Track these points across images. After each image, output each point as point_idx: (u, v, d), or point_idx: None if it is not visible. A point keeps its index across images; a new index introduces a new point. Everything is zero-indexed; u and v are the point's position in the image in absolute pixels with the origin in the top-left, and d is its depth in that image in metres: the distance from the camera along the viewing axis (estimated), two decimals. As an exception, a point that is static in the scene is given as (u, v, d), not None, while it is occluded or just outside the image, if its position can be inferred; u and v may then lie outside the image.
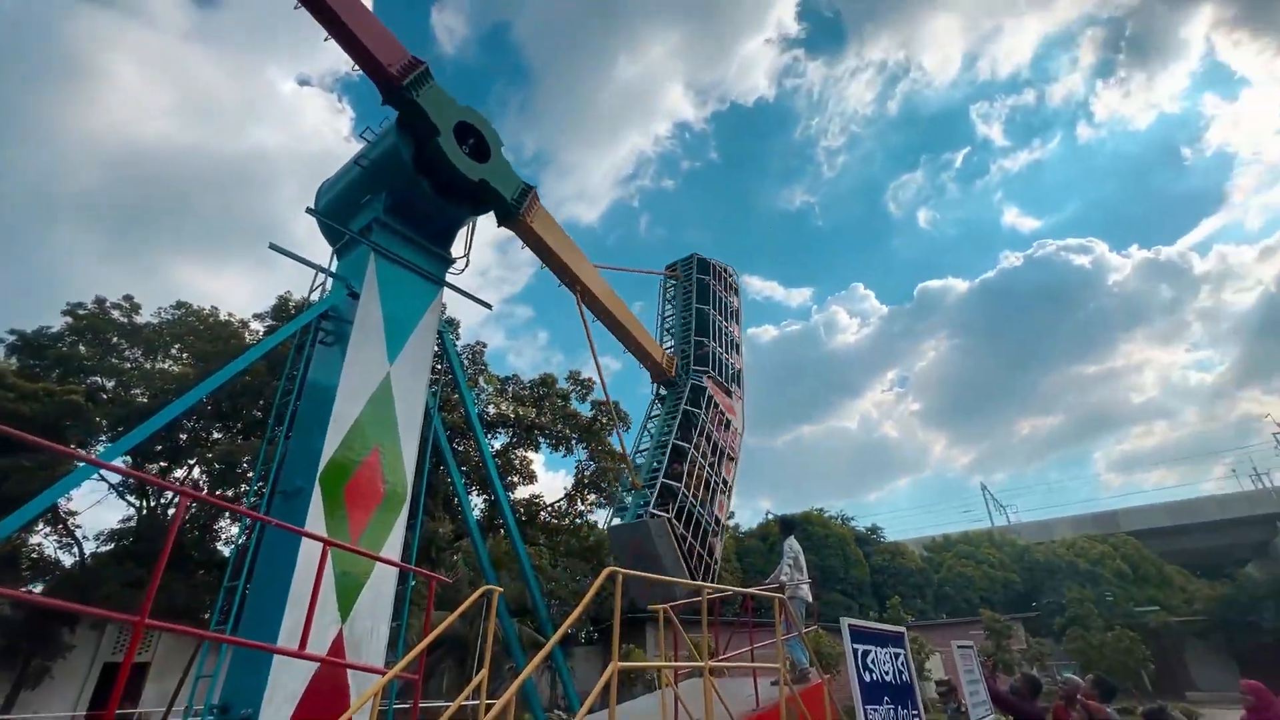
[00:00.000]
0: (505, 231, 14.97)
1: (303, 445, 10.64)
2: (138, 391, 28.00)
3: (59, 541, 27.08)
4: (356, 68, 12.17)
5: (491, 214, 14.29)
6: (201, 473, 29.58)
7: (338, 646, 9.29)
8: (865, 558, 55.34)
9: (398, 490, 10.99)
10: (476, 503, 28.44)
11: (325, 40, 11.85)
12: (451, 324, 29.29)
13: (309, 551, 9.02)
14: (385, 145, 12.77)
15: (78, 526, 27.05)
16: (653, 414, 20.20)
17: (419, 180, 12.55)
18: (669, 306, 23.79)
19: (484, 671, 4.47)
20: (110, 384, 28.60)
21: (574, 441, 27.93)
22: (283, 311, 30.17)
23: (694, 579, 16.61)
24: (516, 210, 14.04)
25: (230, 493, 27.80)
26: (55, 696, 25.32)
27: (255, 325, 30.51)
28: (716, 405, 20.25)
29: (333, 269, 12.76)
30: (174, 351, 30.50)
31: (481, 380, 27.98)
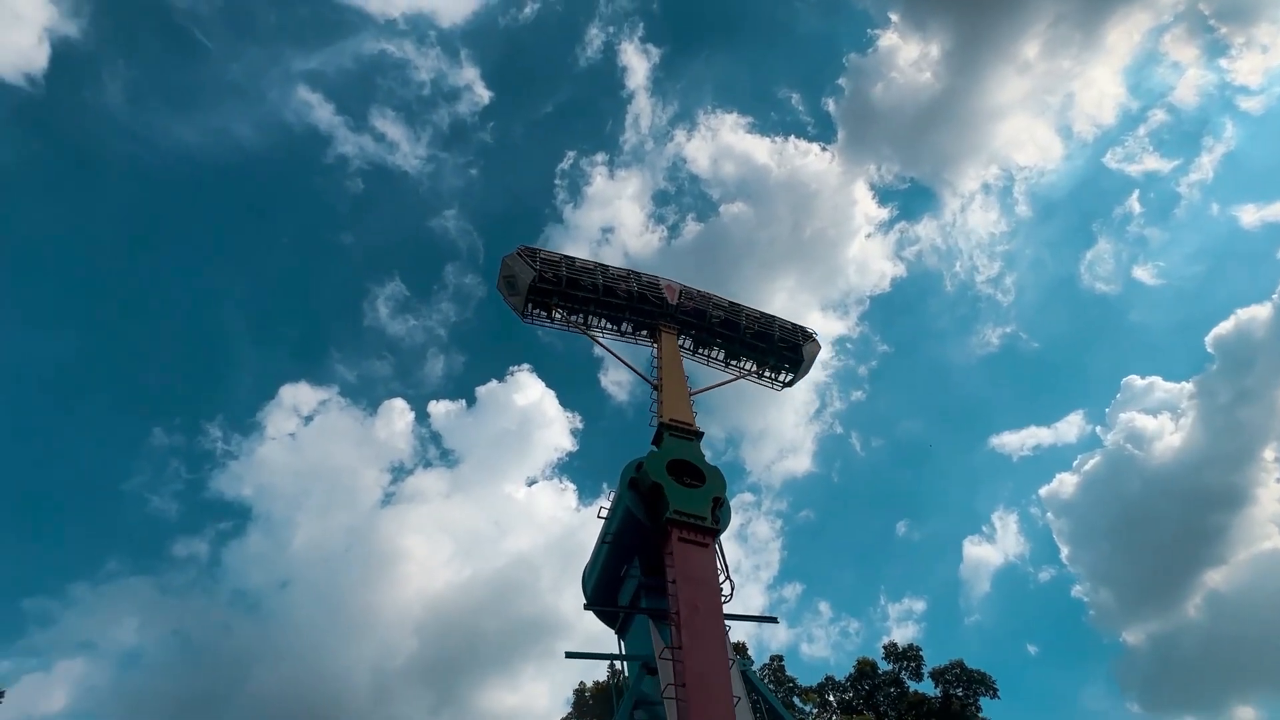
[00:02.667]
0: (739, 522, 14.68)
1: None
2: None
3: None
4: (567, 454, 14.18)
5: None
6: None
7: None
8: None
9: None
10: None
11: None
12: (739, 649, 27.28)
13: None
14: (620, 515, 13.78)
15: None
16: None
17: (659, 531, 12.97)
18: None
19: None
20: None
21: (937, 735, 21.89)
22: (583, 704, 30.38)
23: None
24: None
25: None
26: None
27: (569, 733, 30.63)
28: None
29: (623, 651, 12.80)
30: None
31: (797, 701, 24.31)
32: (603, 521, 14.55)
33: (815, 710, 22.62)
